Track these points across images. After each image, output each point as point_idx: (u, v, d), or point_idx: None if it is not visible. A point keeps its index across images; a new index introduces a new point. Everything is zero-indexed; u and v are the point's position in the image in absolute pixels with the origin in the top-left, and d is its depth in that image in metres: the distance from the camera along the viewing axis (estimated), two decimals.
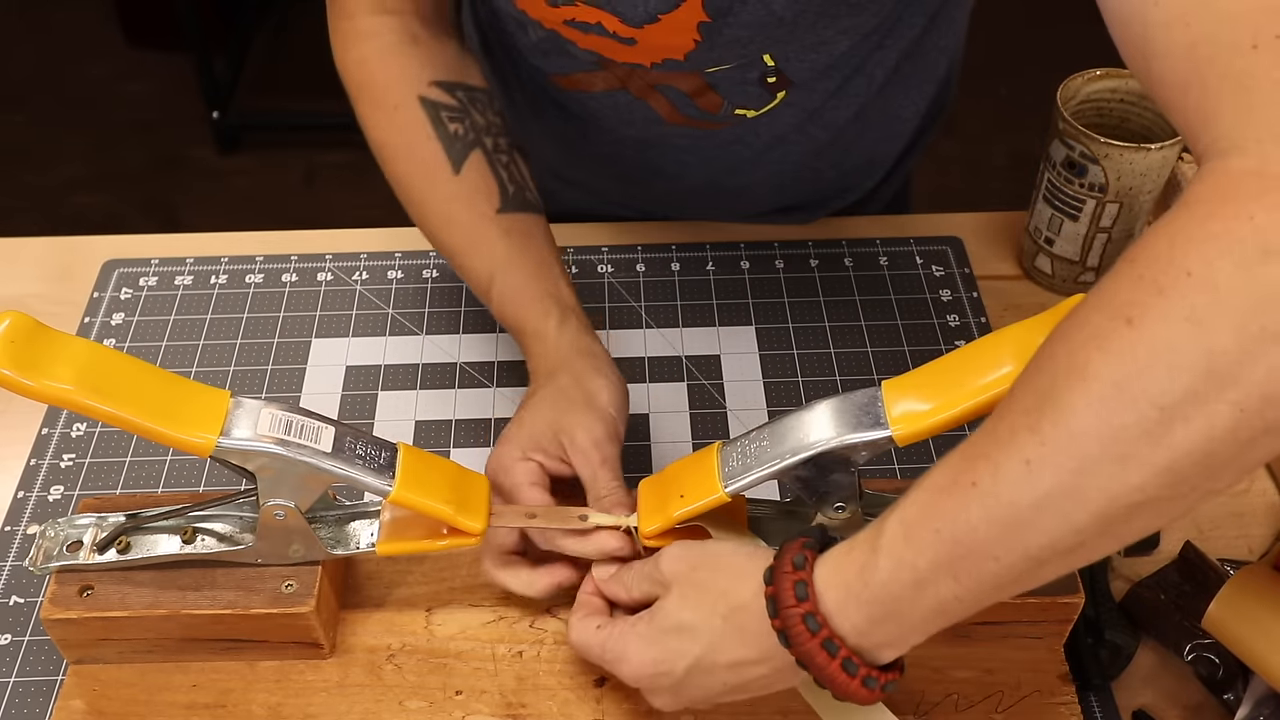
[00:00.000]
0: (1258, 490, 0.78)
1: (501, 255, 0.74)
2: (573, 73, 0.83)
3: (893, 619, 0.52)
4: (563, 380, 0.69)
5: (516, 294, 0.73)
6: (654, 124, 0.84)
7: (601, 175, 0.96)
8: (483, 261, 0.75)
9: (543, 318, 0.72)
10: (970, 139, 2.46)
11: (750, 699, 0.65)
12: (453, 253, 0.77)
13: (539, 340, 0.72)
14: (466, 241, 0.76)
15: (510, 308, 0.74)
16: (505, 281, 0.74)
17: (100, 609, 0.64)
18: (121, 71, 2.50)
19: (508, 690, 0.66)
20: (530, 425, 0.68)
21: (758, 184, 0.92)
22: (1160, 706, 0.67)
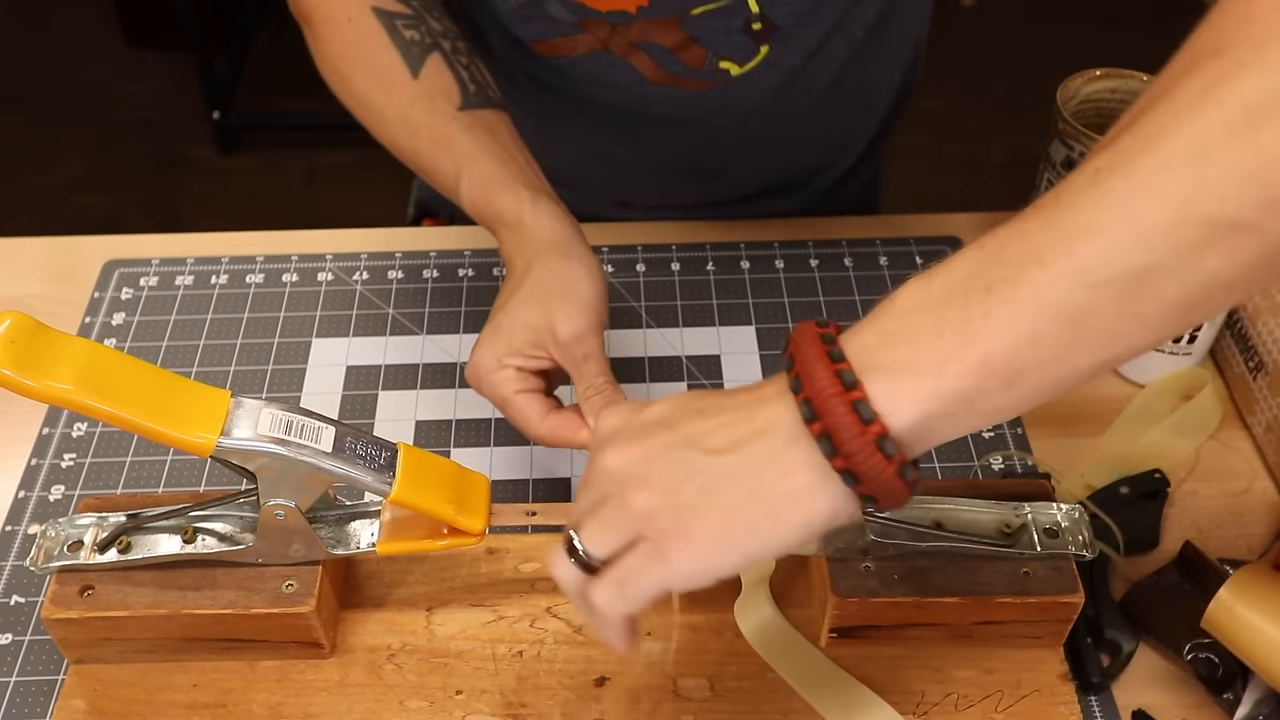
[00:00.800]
0: (1258, 490, 0.78)
1: (464, 150, 0.72)
2: (553, 37, 0.82)
3: (913, 344, 0.44)
4: (537, 273, 0.67)
5: (484, 187, 0.70)
6: (637, 85, 0.83)
7: (580, 158, 0.94)
8: (448, 160, 0.72)
9: (514, 206, 0.69)
10: (970, 139, 2.46)
11: (751, 698, 0.65)
12: (418, 157, 0.74)
13: (512, 232, 0.69)
14: (430, 142, 0.73)
15: (480, 201, 0.71)
16: (472, 176, 0.71)
17: (101, 609, 0.64)
18: (121, 71, 2.50)
19: (508, 690, 0.66)
20: (508, 327, 0.66)
21: (736, 161, 0.91)
22: (1160, 706, 0.67)
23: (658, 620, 0.69)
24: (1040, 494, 0.68)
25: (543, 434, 0.66)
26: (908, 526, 0.66)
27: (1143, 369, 0.83)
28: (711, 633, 0.68)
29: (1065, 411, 0.82)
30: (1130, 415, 0.81)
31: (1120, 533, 0.72)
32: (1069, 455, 0.79)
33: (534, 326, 0.66)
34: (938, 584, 0.65)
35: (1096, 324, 0.41)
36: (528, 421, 0.66)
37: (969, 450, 0.80)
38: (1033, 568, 0.65)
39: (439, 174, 0.73)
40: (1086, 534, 0.66)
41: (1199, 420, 0.81)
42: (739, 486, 0.46)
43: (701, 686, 0.66)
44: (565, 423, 0.66)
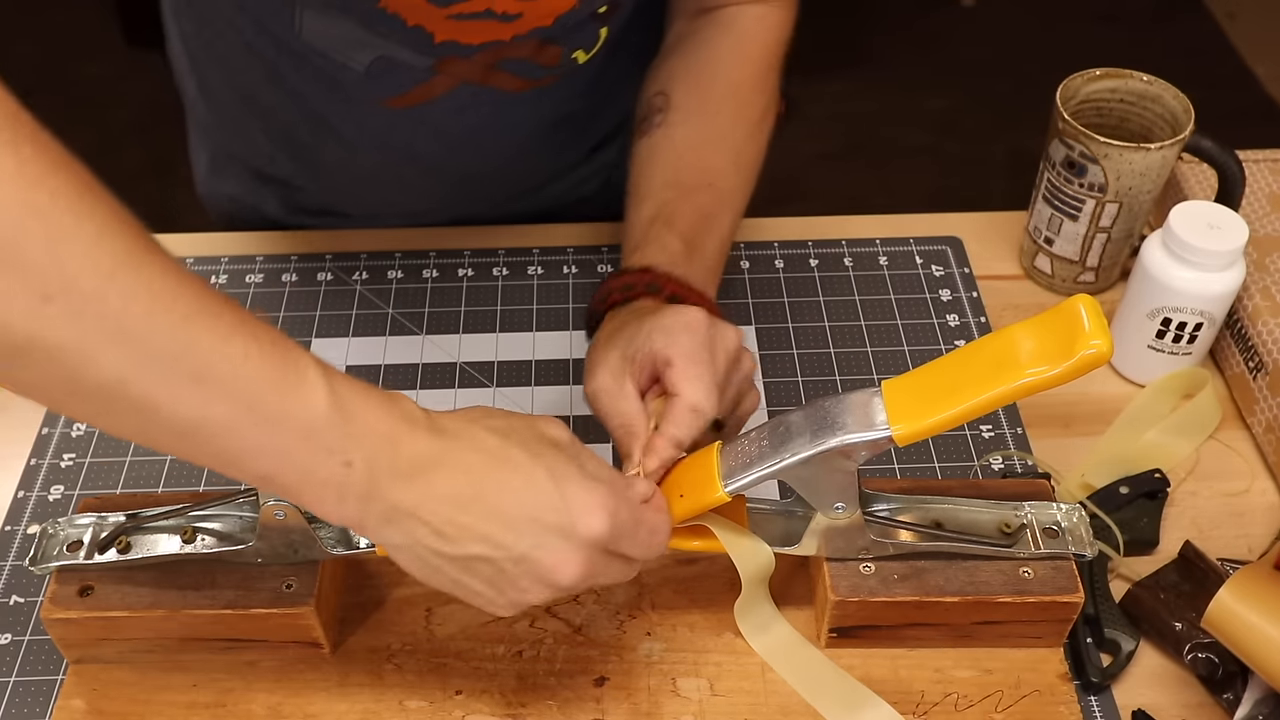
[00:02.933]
0: (1258, 490, 0.78)
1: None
2: (410, 89, 0.81)
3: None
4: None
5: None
6: (498, 104, 0.84)
7: (421, 191, 0.94)
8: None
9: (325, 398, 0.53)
10: (970, 138, 2.46)
11: (750, 698, 0.65)
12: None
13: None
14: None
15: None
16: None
17: (100, 609, 0.64)
18: (121, 71, 2.50)
19: (508, 690, 0.66)
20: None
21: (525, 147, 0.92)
22: (1160, 706, 0.67)
23: (657, 620, 0.69)
24: (1040, 494, 0.68)
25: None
26: (908, 526, 0.66)
27: (1143, 369, 0.83)
28: (711, 633, 0.68)
29: (1065, 411, 0.82)
30: (1130, 415, 0.81)
31: (1120, 533, 0.72)
32: (1069, 455, 0.79)
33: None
34: (937, 584, 0.65)
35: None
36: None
37: (969, 450, 0.80)
38: (1033, 568, 0.65)
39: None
40: (1086, 534, 0.66)
41: (1199, 420, 0.81)
42: None
43: (701, 686, 0.66)
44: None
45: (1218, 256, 0.76)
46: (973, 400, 0.56)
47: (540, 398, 0.83)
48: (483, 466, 0.54)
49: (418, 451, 0.52)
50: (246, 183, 0.97)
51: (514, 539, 0.53)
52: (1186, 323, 0.79)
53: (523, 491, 0.54)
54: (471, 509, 0.53)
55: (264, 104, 0.87)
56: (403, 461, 0.52)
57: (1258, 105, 2.56)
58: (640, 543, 0.57)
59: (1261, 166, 0.90)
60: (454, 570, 0.55)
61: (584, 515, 0.54)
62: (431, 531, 0.53)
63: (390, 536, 0.54)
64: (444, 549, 0.53)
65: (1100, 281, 0.90)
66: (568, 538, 0.54)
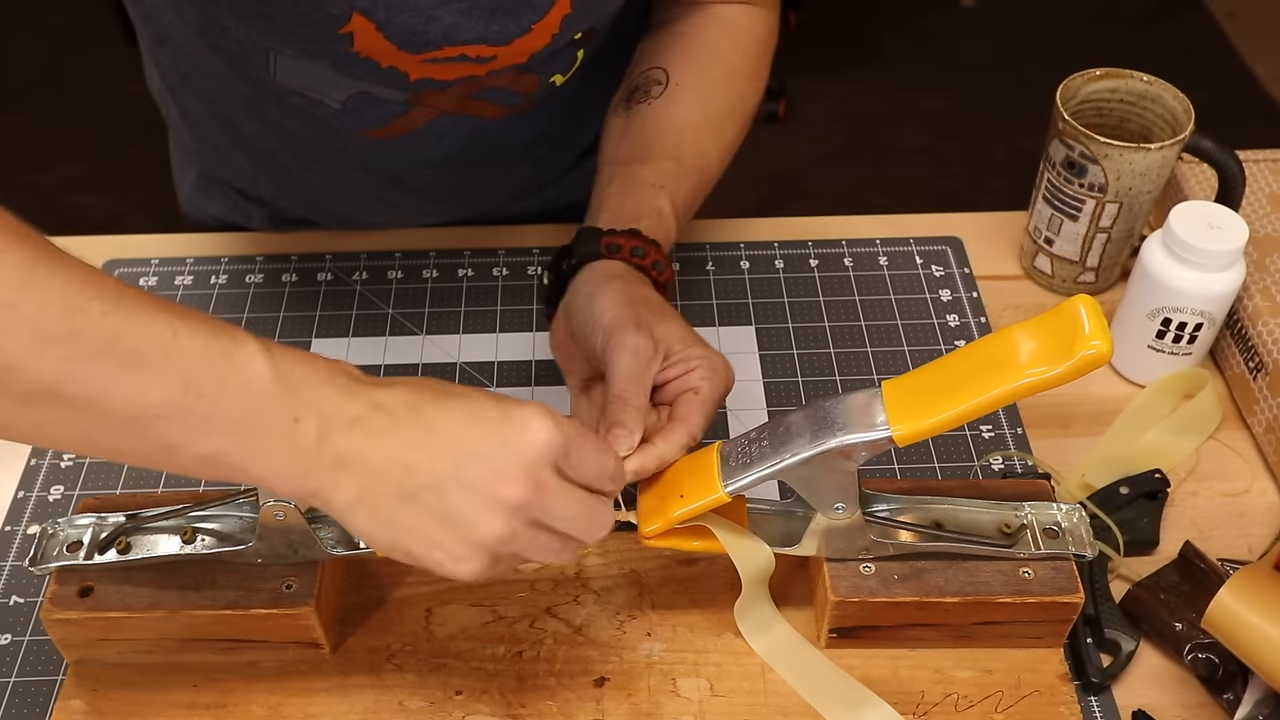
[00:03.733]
0: (1258, 490, 0.78)
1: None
2: (390, 121, 0.82)
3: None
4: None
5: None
6: (481, 133, 0.85)
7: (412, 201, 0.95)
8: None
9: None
10: (970, 138, 2.46)
11: (750, 698, 0.65)
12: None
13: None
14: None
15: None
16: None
17: (100, 609, 0.64)
18: (121, 71, 2.50)
19: (508, 690, 0.66)
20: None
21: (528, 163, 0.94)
22: (1160, 706, 0.67)
23: (657, 620, 0.69)
24: (1040, 494, 0.68)
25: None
26: (908, 526, 0.66)
27: (1143, 369, 0.83)
28: (711, 633, 0.68)
29: (1065, 411, 0.82)
30: (1130, 415, 0.81)
31: (1120, 533, 0.72)
32: (1069, 455, 0.79)
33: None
34: (937, 584, 0.65)
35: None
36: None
37: (969, 450, 0.80)
38: (1033, 568, 0.65)
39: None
40: (1086, 534, 0.66)
41: (1199, 420, 0.81)
42: None
43: (701, 686, 0.66)
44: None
45: (1218, 256, 0.76)
46: (973, 400, 0.56)
47: (540, 398, 0.83)
48: (421, 399, 0.53)
49: (362, 401, 0.52)
50: (231, 201, 0.98)
51: (454, 461, 0.51)
52: (1186, 323, 0.79)
53: (461, 412, 0.52)
54: (412, 438, 0.52)
55: (245, 132, 0.88)
56: (348, 412, 0.51)
57: (1258, 105, 2.56)
58: (590, 461, 0.55)
59: (1261, 166, 0.90)
60: (406, 514, 0.52)
61: (526, 423, 0.52)
62: (378, 470, 0.51)
63: (346, 490, 0.52)
64: (391, 488, 0.52)
65: (1100, 281, 0.90)
66: (512, 449, 0.52)
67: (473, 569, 0.54)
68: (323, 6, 0.69)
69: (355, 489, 0.52)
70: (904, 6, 2.86)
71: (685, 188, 0.78)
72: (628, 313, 0.66)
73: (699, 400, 0.65)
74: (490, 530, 0.52)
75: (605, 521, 0.56)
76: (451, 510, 0.52)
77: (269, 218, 0.97)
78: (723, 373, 0.67)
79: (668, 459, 0.64)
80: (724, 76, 0.84)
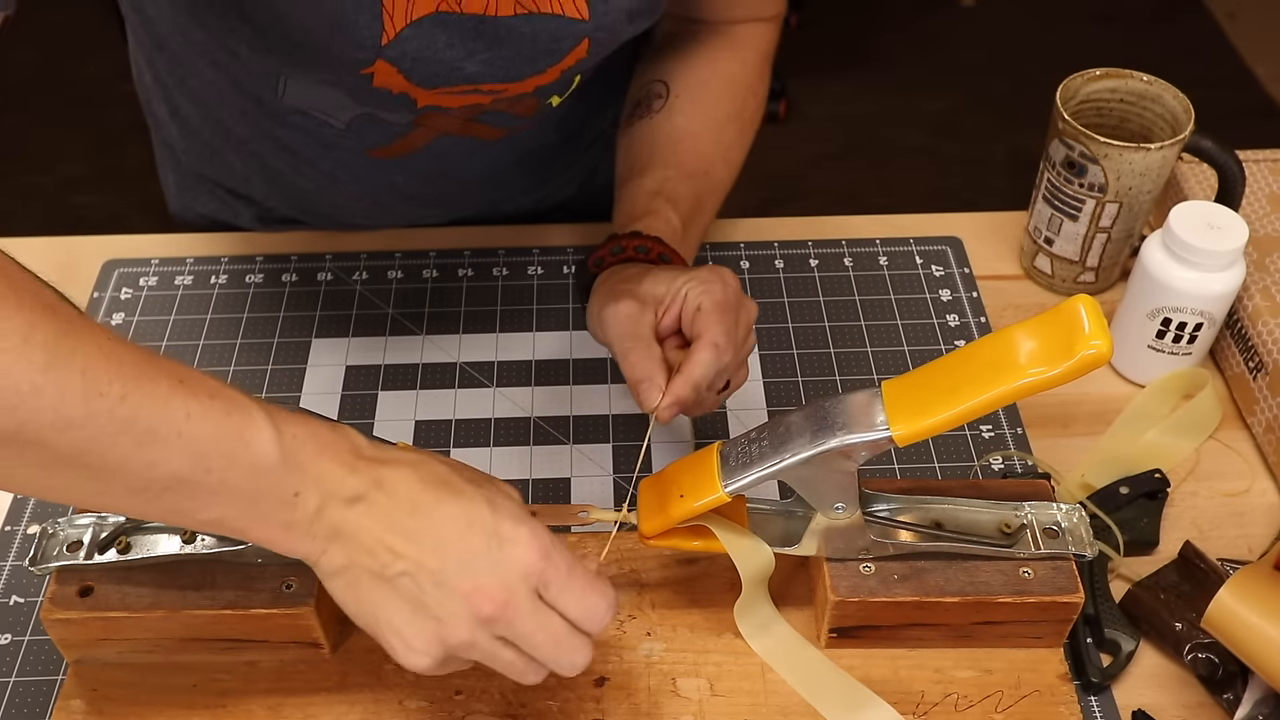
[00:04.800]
0: (1258, 490, 0.78)
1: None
2: (391, 142, 0.84)
3: None
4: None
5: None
6: (477, 150, 0.87)
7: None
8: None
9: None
10: (970, 139, 2.46)
11: (750, 698, 0.65)
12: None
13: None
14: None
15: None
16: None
17: (100, 609, 0.64)
18: (121, 71, 2.50)
19: (508, 690, 0.66)
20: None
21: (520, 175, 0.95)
22: (1160, 706, 0.67)
23: (657, 620, 0.69)
24: (1040, 494, 0.68)
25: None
26: (908, 526, 0.66)
27: (1143, 369, 0.83)
28: (711, 633, 0.68)
29: (1065, 411, 0.82)
30: (1130, 415, 0.81)
31: (1120, 533, 0.72)
32: (1069, 455, 0.79)
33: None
34: (937, 584, 0.65)
35: None
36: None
37: (969, 450, 0.80)
38: (1033, 568, 0.65)
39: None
40: (1086, 534, 0.66)
41: (1199, 420, 0.81)
42: None
43: (701, 686, 0.66)
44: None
45: (1218, 256, 0.76)
46: (973, 400, 0.56)
47: (540, 398, 0.83)
48: (423, 490, 0.54)
49: (363, 479, 0.53)
50: (219, 199, 0.98)
51: (438, 559, 0.53)
52: (1186, 323, 0.79)
53: (457, 514, 0.53)
54: (404, 527, 0.53)
55: (239, 135, 0.88)
56: (348, 489, 0.53)
57: (1258, 105, 2.56)
58: (575, 595, 0.54)
59: (1261, 166, 0.90)
60: (380, 593, 0.53)
61: (514, 541, 0.53)
62: (365, 549, 0.53)
63: (333, 559, 0.54)
64: (374, 567, 0.53)
65: (1100, 281, 0.90)
66: (493, 562, 0.53)
67: (423, 663, 0.54)
68: (350, 52, 0.71)
69: (342, 560, 0.54)
70: (904, 7, 2.86)
71: (686, 189, 0.79)
72: (608, 296, 0.70)
73: (704, 313, 0.67)
74: (453, 634, 0.53)
75: (578, 660, 0.55)
76: (423, 603, 0.53)
77: (258, 216, 0.98)
78: (718, 278, 0.69)
79: (698, 377, 0.65)
80: (723, 85, 0.85)
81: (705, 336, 0.66)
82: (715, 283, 0.68)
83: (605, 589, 0.56)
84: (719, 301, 0.68)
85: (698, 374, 0.65)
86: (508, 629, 0.53)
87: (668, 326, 0.69)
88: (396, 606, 0.53)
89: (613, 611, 0.56)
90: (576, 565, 0.55)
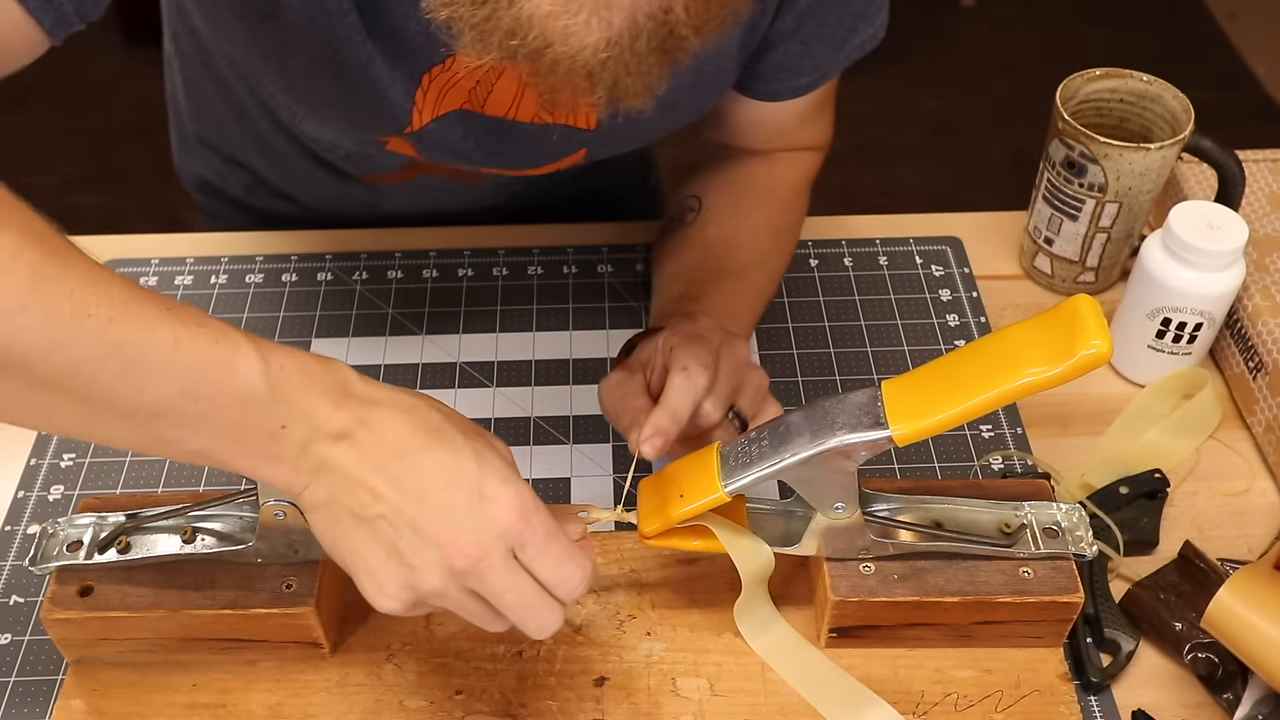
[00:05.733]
0: (1258, 490, 0.78)
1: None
2: (390, 172, 0.88)
3: None
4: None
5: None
6: (456, 191, 0.90)
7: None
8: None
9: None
10: (970, 139, 2.46)
11: (750, 698, 0.65)
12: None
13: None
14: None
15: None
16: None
17: (100, 609, 0.64)
18: (121, 72, 2.50)
19: (508, 690, 0.66)
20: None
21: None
22: (1160, 706, 0.67)
23: (657, 620, 0.69)
24: (1040, 494, 0.68)
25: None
26: (908, 526, 0.66)
27: (1143, 369, 0.83)
28: (711, 633, 0.68)
29: (1065, 411, 0.82)
30: (1130, 415, 0.81)
31: (1120, 533, 0.72)
32: (1069, 455, 0.79)
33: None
34: (937, 584, 0.65)
35: None
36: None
37: (969, 450, 0.80)
38: (1033, 568, 0.65)
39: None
40: (1086, 534, 0.66)
41: (1199, 420, 0.81)
42: None
43: (701, 686, 0.66)
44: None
45: (1218, 256, 0.76)
46: (973, 400, 0.56)
47: (540, 398, 0.83)
48: (412, 435, 0.54)
49: (349, 415, 0.53)
50: (215, 165, 0.99)
51: (418, 507, 0.53)
52: (1186, 323, 0.79)
53: (443, 464, 0.53)
54: (389, 471, 0.53)
55: (250, 113, 0.90)
56: (335, 424, 0.53)
57: (1258, 105, 2.56)
58: (550, 560, 0.55)
59: (1261, 166, 0.90)
60: (358, 532, 0.53)
61: (496, 501, 0.53)
62: (349, 487, 0.53)
63: (315, 492, 0.54)
64: (355, 506, 0.53)
65: (1100, 281, 0.90)
66: (472, 518, 0.53)
67: (392, 606, 0.55)
68: (374, 127, 0.74)
69: (324, 494, 0.54)
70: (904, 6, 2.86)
71: (718, 290, 0.79)
72: (612, 380, 0.72)
73: (675, 349, 0.69)
74: (425, 581, 0.53)
75: (547, 623, 0.56)
76: (398, 548, 0.53)
77: (247, 186, 0.99)
78: (689, 321, 0.71)
79: (674, 403, 0.66)
80: (757, 198, 0.86)
81: (674, 365, 0.68)
82: (686, 325, 0.71)
83: (582, 560, 0.56)
84: (686, 335, 0.70)
85: (672, 399, 0.66)
86: (478, 584, 0.54)
87: (657, 384, 0.70)
88: (372, 548, 0.54)
89: (589, 583, 0.56)
90: (556, 532, 0.55)
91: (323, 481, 0.53)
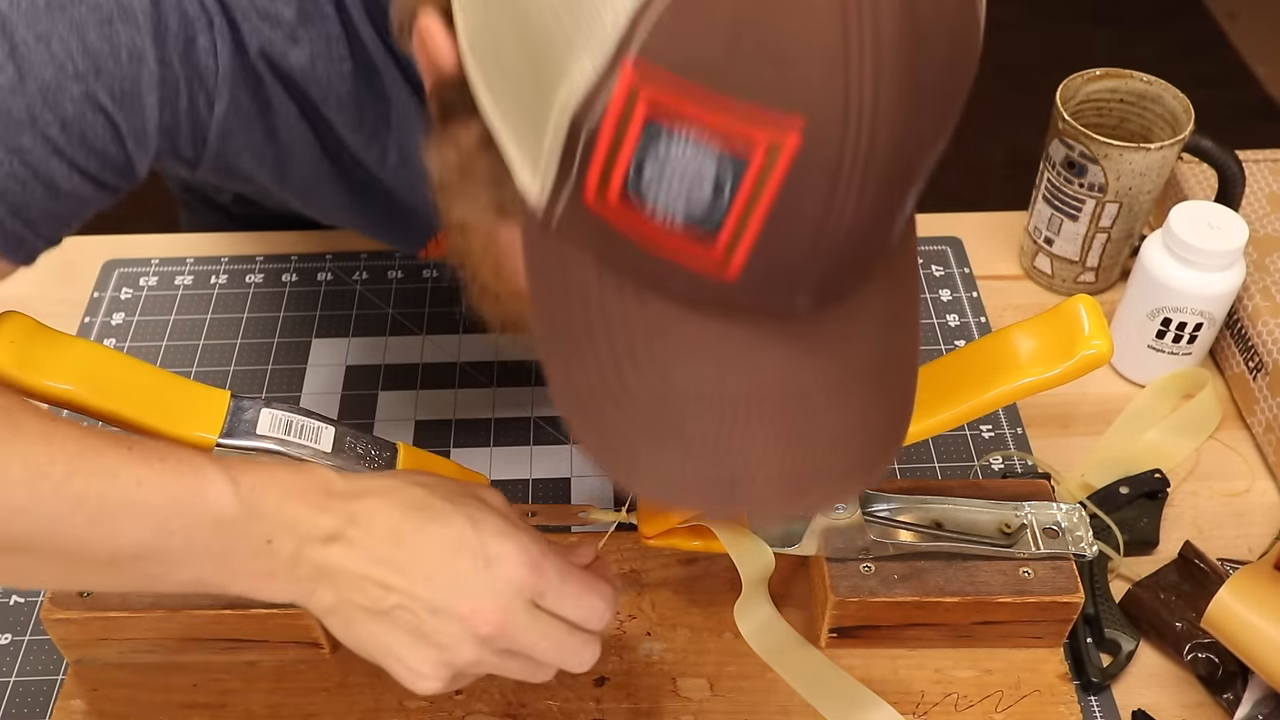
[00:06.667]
0: (1258, 490, 0.78)
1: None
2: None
3: None
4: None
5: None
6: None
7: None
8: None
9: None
10: (970, 139, 2.46)
11: (750, 698, 0.65)
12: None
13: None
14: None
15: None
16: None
17: (100, 609, 0.64)
18: None
19: (508, 690, 0.66)
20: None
21: None
22: (1160, 706, 0.67)
23: (657, 620, 0.69)
24: (1040, 494, 0.68)
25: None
26: (908, 526, 0.66)
27: (1143, 369, 0.83)
28: (711, 633, 0.68)
29: (1065, 411, 0.82)
30: (1130, 415, 0.81)
31: (1120, 533, 0.72)
32: (1069, 455, 0.79)
33: None
34: (937, 584, 0.65)
35: None
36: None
37: (969, 450, 0.80)
38: (1033, 568, 0.65)
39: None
40: (1086, 534, 0.66)
41: (1199, 420, 0.81)
42: None
43: (701, 686, 0.66)
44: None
45: (1218, 256, 0.76)
46: (973, 400, 0.56)
47: (540, 397, 0.83)
48: (402, 518, 0.53)
49: (335, 516, 0.52)
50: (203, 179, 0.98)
51: (430, 588, 0.52)
52: (1186, 323, 0.79)
53: (441, 539, 0.53)
54: (390, 559, 0.52)
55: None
56: (322, 528, 0.52)
57: (1258, 105, 2.56)
58: (571, 600, 0.54)
59: (1261, 166, 0.90)
60: (379, 628, 0.53)
61: (502, 561, 0.52)
62: (355, 585, 0.52)
63: (322, 598, 0.53)
64: (367, 603, 0.52)
65: (1100, 281, 0.90)
66: (485, 583, 0.52)
67: (433, 686, 0.54)
68: (407, 245, 0.77)
69: (331, 599, 0.53)
70: None
71: None
72: None
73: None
74: (458, 656, 0.53)
75: (586, 658, 0.55)
76: (423, 632, 0.53)
77: (236, 200, 0.96)
78: None
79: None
80: None
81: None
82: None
83: (602, 587, 0.55)
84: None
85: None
86: (510, 644, 0.53)
87: None
88: (397, 637, 0.53)
89: (613, 607, 0.55)
90: (569, 569, 0.54)
91: (327, 586, 0.53)
